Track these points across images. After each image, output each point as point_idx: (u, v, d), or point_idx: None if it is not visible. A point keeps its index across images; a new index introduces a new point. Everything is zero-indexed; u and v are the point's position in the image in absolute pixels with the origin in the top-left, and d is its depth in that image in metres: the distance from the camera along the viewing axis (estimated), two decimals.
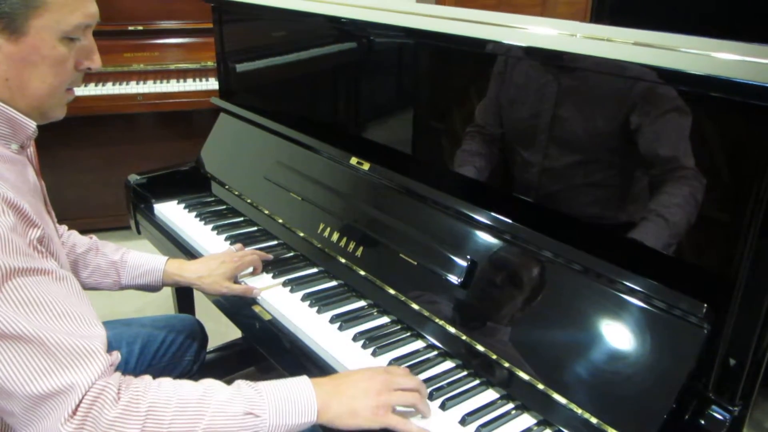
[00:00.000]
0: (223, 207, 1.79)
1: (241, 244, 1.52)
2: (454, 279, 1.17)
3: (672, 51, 0.95)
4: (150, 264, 1.36)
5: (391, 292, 1.26)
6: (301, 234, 1.50)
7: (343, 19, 1.51)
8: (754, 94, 0.81)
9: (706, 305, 0.90)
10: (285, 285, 1.37)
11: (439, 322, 1.17)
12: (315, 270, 1.44)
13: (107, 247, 1.38)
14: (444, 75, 1.36)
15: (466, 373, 1.11)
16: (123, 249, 1.38)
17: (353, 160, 1.47)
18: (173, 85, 2.90)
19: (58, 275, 0.88)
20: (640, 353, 0.94)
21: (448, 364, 1.14)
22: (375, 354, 1.15)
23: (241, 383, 0.93)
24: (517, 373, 1.03)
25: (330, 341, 1.19)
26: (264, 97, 1.95)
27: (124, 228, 2.93)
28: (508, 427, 1.00)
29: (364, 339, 1.18)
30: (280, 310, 1.29)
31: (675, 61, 0.91)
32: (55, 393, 0.80)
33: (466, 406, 1.03)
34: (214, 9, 1.98)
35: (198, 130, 2.75)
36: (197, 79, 2.94)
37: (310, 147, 1.60)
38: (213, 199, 1.85)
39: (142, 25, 2.91)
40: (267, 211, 1.63)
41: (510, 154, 1.23)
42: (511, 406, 1.04)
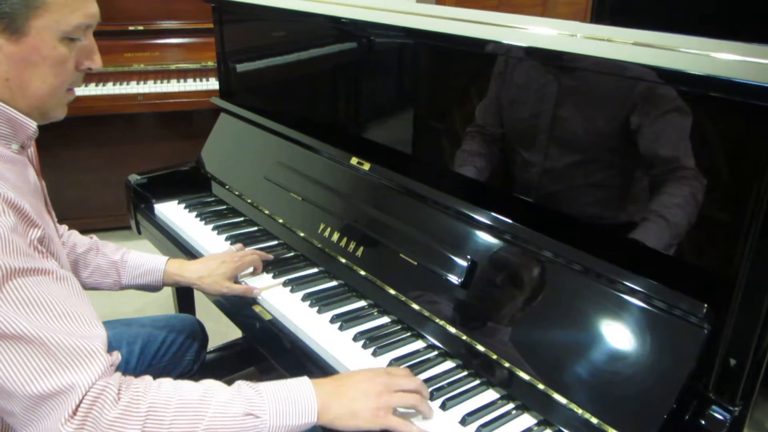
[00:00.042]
0: (224, 207, 1.79)
1: (242, 244, 1.52)
2: (455, 279, 1.17)
3: (672, 51, 0.95)
4: (150, 264, 1.37)
5: (392, 292, 1.26)
6: (302, 234, 1.50)
7: (343, 19, 1.51)
8: (754, 94, 0.81)
9: (706, 305, 0.90)
10: (285, 285, 1.37)
11: (440, 322, 1.17)
12: (315, 270, 1.44)
13: (107, 247, 1.38)
14: (444, 75, 1.36)
15: (466, 373, 1.11)
16: (123, 249, 1.38)
17: (354, 160, 1.47)
18: (174, 85, 2.90)
19: (58, 275, 0.88)
20: (641, 353, 0.94)
21: (448, 364, 1.14)
22: (375, 354, 1.15)
23: (241, 384, 0.93)
24: (518, 373, 1.03)
25: (330, 341, 1.19)
26: (264, 97, 1.96)
27: (124, 228, 2.94)
28: (508, 427, 1.00)
29: (364, 339, 1.18)
30: (281, 310, 1.29)
31: (675, 62, 0.91)
32: (55, 393, 0.80)
33: (466, 406, 1.03)
34: (215, 9, 1.98)
35: (198, 130, 2.75)
36: (197, 79, 2.94)
37: (310, 147, 1.60)
38: (213, 199, 1.85)
39: (143, 25, 2.91)
40: (267, 211, 1.63)
41: (510, 154, 1.23)
42: (511, 406, 1.04)
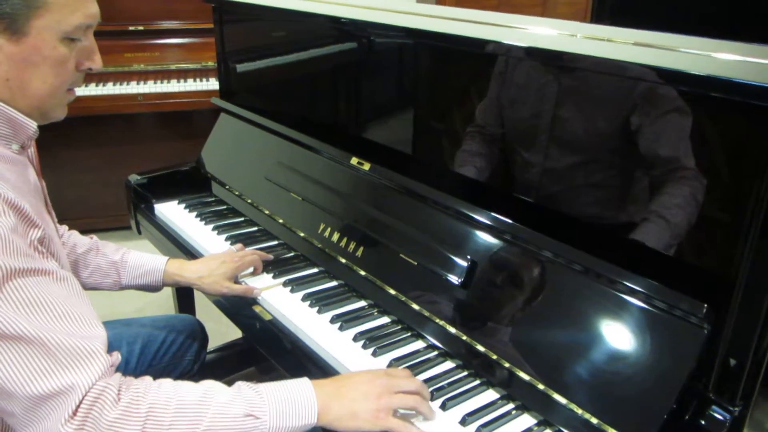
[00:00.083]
0: (224, 207, 1.79)
1: (242, 244, 1.52)
2: (455, 279, 1.17)
3: (672, 51, 0.95)
4: (150, 264, 1.37)
5: (392, 292, 1.26)
6: (302, 234, 1.50)
7: (343, 20, 1.51)
8: (754, 95, 0.81)
9: (706, 305, 0.90)
10: (285, 285, 1.37)
11: (440, 323, 1.17)
12: (315, 270, 1.44)
13: (107, 247, 1.38)
14: (444, 75, 1.36)
15: (466, 373, 1.11)
16: (123, 249, 1.38)
17: (354, 161, 1.47)
18: (174, 85, 2.90)
19: (58, 276, 0.88)
20: (641, 353, 0.94)
21: (448, 365, 1.14)
22: (375, 354, 1.15)
23: (241, 384, 0.93)
24: (518, 373, 1.03)
25: (330, 341, 1.19)
26: (264, 97, 1.96)
27: (124, 228, 2.94)
28: (508, 427, 1.00)
29: (364, 339, 1.18)
30: (281, 310, 1.29)
31: (675, 62, 0.91)
32: (55, 393, 0.80)
33: (466, 406, 1.03)
34: (215, 9, 1.98)
35: (198, 131, 2.76)
36: (198, 79, 2.94)
37: (310, 147, 1.60)
38: (213, 199, 1.85)
39: (143, 25, 2.91)
40: (267, 211, 1.63)
41: (510, 154, 1.23)
42: (511, 406, 1.04)
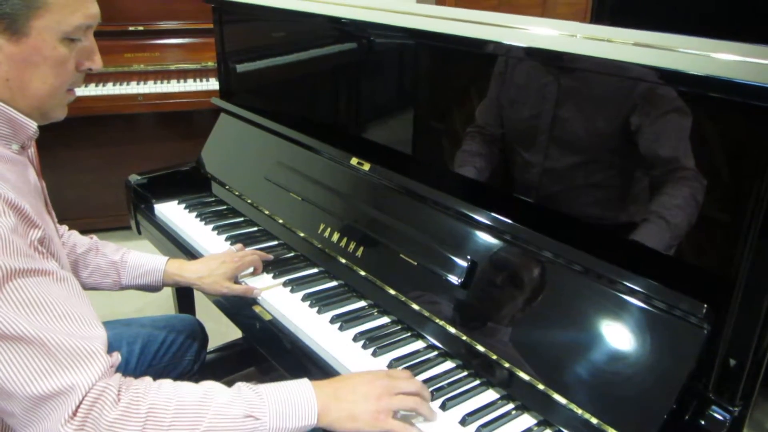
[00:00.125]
0: (224, 207, 1.79)
1: (242, 244, 1.52)
2: (455, 279, 1.17)
3: (672, 51, 0.95)
4: (150, 264, 1.37)
5: (392, 292, 1.26)
6: (302, 234, 1.50)
7: (343, 20, 1.51)
8: (753, 95, 0.81)
9: (706, 305, 0.90)
10: (285, 285, 1.37)
11: (440, 323, 1.17)
12: (315, 270, 1.44)
13: (107, 247, 1.38)
14: (444, 75, 1.36)
15: (466, 373, 1.11)
16: (123, 249, 1.38)
17: (354, 161, 1.47)
18: (174, 86, 2.91)
19: (58, 276, 0.88)
20: (641, 353, 0.94)
21: (448, 365, 1.14)
22: (375, 354, 1.15)
23: (241, 385, 0.93)
24: (518, 373, 1.03)
25: (330, 341, 1.19)
26: (264, 97, 1.96)
27: (124, 228, 2.94)
28: (508, 428, 1.00)
29: (364, 339, 1.18)
30: (281, 310, 1.29)
31: (675, 62, 0.91)
32: (55, 394, 0.80)
33: (466, 407, 1.03)
34: (215, 9, 1.98)
35: (198, 131, 2.76)
36: (198, 80, 2.94)
37: (310, 147, 1.60)
38: (213, 199, 1.85)
39: (143, 25, 2.91)
40: (267, 212, 1.63)
41: (510, 154, 1.23)
42: (511, 406, 1.04)
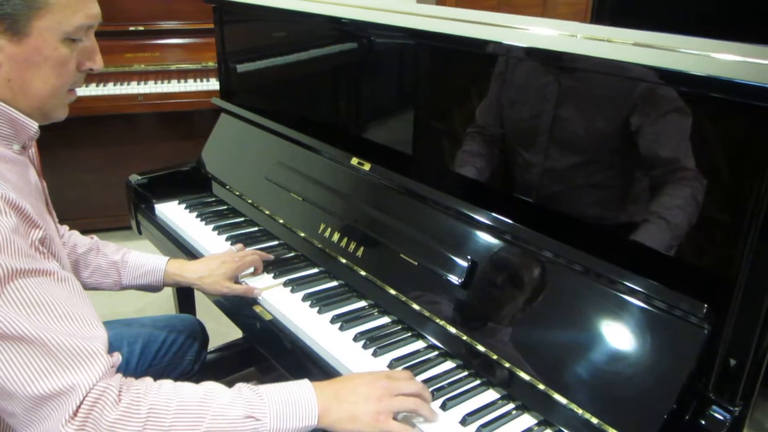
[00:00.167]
0: (224, 207, 1.79)
1: (242, 244, 1.52)
2: (455, 279, 1.17)
3: (672, 52, 0.95)
4: (151, 264, 1.37)
5: (392, 292, 1.26)
6: (302, 234, 1.51)
7: (343, 20, 1.51)
8: (754, 95, 0.81)
9: (706, 305, 0.90)
10: (286, 285, 1.37)
11: (440, 323, 1.17)
12: (316, 270, 1.44)
13: (108, 247, 1.38)
14: (444, 75, 1.36)
15: (466, 373, 1.11)
16: (124, 249, 1.38)
17: (354, 161, 1.47)
18: (174, 86, 2.91)
19: (59, 276, 0.88)
20: (641, 353, 0.94)
21: (448, 365, 1.14)
22: (376, 354, 1.15)
23: (242, 386, 0.93)
24: (518, 373, 1.03)
25: (331, 341, 1.19)
26: (265, 97, 1.96)
27: (125, 228, 2.94)
28: (508, 427, 1.00)
29: (364, 339, 1.18)
30: (281, 310, 1.29)
31: (675, 62, 0.91)
32: (56, 394, 0.80)
33: (466, 406, 1.03)
34: (215, 9, 1.98)
35: (199, 131, 2.75)
36: (198, 80, 2.94)
37: (310, 147, 1.60)
38: (214, 199, 1.85)
39: (143, 25, 2.91)
40: (268, 212, 1.63)
41: (511, 154, 1.23)
42: (511, 406, 1.04)
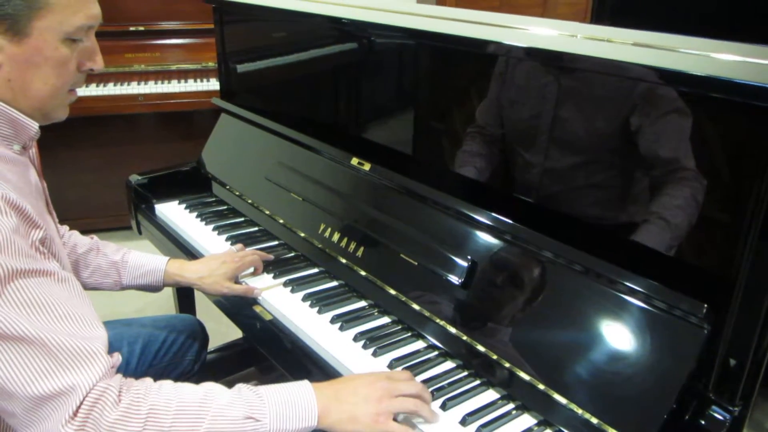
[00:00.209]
0: (224, 207, 1.79)
1: (242, 244, 1.52)
2: (455, 279, 1.17)
3: (672, 52, 0.95)
4: (151, 264, 1.37)
5: (392, 292, 1.26)
6: (302, 234, 1.51)
7: (343, 20, 1.51)
8: (754, 95, 0.81)
9: (706, 305, 0.90)
10: (286, 285, 1.37)
11: (440, 323, 1.17)
12: (316, 270, 1.44)
13: (108, 247, 1.38)
14: (445, 76, 1.36)
15: (466, 373, 1.11)
16: (124, 249, 1.38)
17: (354, 161, 1.47)
18: (174, 86, 2.91)
19: (59, 277, 0.88)
20: (641, 353, 0.94)
21: (448, 365, 1.14)
22: (376, 354, 1.15)
23: (242, 387, 0.93)
24: (518, 373, 1.03)
25: (331, 341, 1.19)
26: (265, 97, 1.96)
27: (125, 228, 2.94)
28: (508, 427, 1.00)
29: (364, 339, 1.18)
30: (281, 310, 1.29)
31: (675, 62, 0.91)
32: (56, 394, 0.80)
33: (466, 406, 1.03)
34: (215, 10, 1.98)
35: (199, 131, 2.76)
36: (198, 80, 2.94)
37: (311, 147, 1.61)
38: (214, 199, 1.85)
39: (144, 25, 2.92)
40: (268, 212, 1.63)
41: (511, 154, 1.23)
42: (511, 406, 1.04)
